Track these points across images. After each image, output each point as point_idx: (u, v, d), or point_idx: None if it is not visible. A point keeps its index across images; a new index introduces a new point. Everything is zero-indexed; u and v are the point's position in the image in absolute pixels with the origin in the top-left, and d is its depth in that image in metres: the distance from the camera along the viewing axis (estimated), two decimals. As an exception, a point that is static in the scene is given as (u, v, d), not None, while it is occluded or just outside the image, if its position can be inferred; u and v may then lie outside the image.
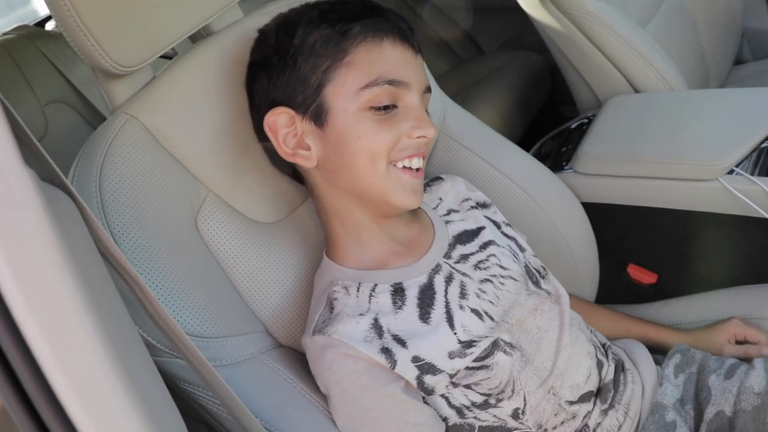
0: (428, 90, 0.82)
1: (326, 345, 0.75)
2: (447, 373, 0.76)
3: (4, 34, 1.87)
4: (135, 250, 0.74)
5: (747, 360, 0.92)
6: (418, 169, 0.81)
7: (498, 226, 0.94)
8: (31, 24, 2.13)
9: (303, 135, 0.79)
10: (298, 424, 0.77)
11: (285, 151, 0.79)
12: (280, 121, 0.79)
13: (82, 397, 0.35)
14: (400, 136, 0.77)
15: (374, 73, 0.76)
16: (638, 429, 0.86)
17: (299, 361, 0.82)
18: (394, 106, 0.78)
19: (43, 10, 2.58)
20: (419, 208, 0.89)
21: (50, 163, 0.51)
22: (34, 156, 0.52)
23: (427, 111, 0.82)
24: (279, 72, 0.78)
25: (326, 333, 0.75)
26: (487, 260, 0.86)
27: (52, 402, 0.35)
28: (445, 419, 0.79)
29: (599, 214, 1.13)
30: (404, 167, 0.79)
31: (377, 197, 0.79)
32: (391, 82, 0.76)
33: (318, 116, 0.77)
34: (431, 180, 0.97)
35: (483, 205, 0.96)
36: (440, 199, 0.94)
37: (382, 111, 0.77)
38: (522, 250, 0.94)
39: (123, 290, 0.62)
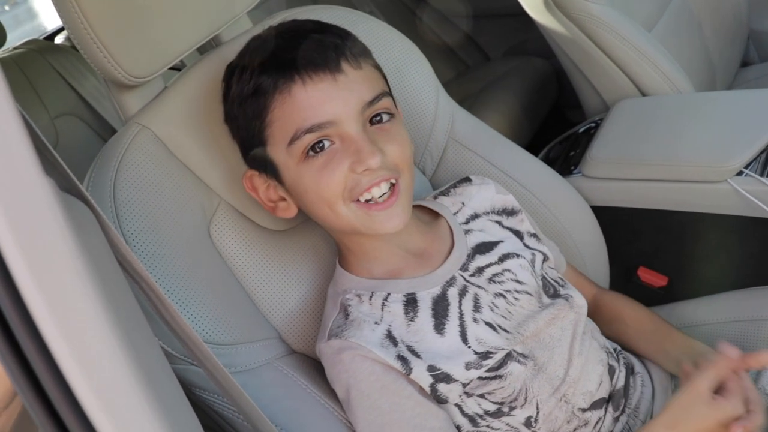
0: (378, 98, 0.75)
1: (343, 348, 0.75)
2: (461, 382, 0.76)
3: (15, 48, 1.89)
4: (149, 259, 0.75)
5: None
6: (384, 194, 0.75)
7: (521, 237, 0.91)
8: (41, 38, 2.15)
9: (277, 189, 0.80)
10: (313, 430, 0.77)
11: (268, 206, 0.81)
12: (255, 181, 0.80)
13: (106, 406, 0.36)
14: (345, 175, 0.73)
15: (292, 127, 0.73)
16: None
17: (313, 367, 0.83)
18: (332, 143, 0.74)
19: (51, 25, 2.60)
20: (438, 215, 0.88)
21: (68, 173, 0.52)
22: (52, 167, 0.52)
23: (391, 113, 0.77)
24: (236, 134, 0.80)
25: (343, 337, 0.76)
26: (502, 274, 0.84)
27: (77, 412, 0.36)
28: (458, 427, 0.79)
29: (609, 218, 1.13)
30: (367, 201, 0.75)
31: (355, 231, 0.78)
32: (310, 130, 0.72)
33: (274, 174, 0.78)
34: (458, 182, 0.94)
35: (510, 212, 0.92)
36: (462, 204, 0.90)
37: (319, 152, 0.73)
38: (544, 260, 0.90)
39: (140, 299, 0.63)
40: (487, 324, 0.79)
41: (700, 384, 0.73)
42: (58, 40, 2.26)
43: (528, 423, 0.80)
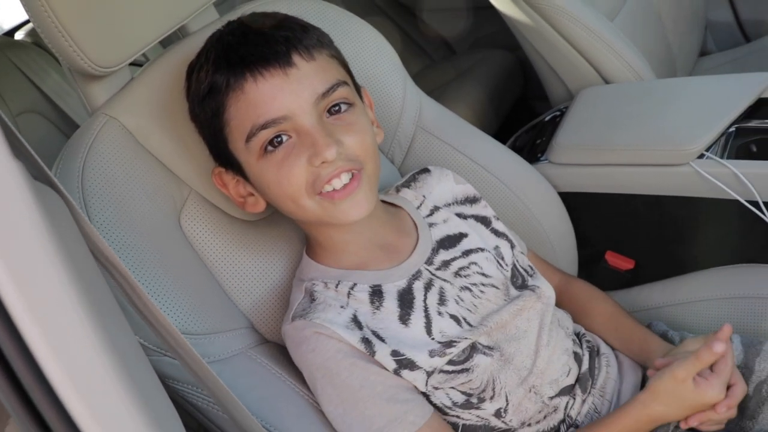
0: (333, 88, 0.74)
1: (307, 328, 0.76)
2: (425, 369, 0.76)
3: (-28, 45, 1.84)
4: (119, 251, 0.74)
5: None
6: (346, 185, 0.75)
7: (488, 223, 0.92)
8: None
9: (245, 185, 0.80)
10: (289, 417, 0.77)
11: (238, 201, 0.81)
12: (224, 177, 0.80)
13: (82, 394, 0.35)
14: (305, 169, 0.73)
15: (247, 124, 0.73)
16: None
17: (286, 356, 0.82)
18: (289, 137, 0.74)
19: (7, 24, 2.52)
20: (401, 208, 0.88)
21: (38, 161, 0.51)
22: (21, 155, 0.52)
23: (349, 103, 0.76)
24: (200, 132, 0.80)
25: (308, 318, 0.76)
26: (468, 267, 0.84)
27: (53, 399, 0.35)
28: None
29: (576, 203, 1.15)
30: (330, 191, 0.74)
31: (322, 223, 0.79)
32: (265, 126, 0.72)
33: (239, 170, 0.78)
34: (417, 173, 0.95)
35: (472, 200, 0.93)
36: (424, 196, 0.91)
37: (278, 146, 0.73)
38: (512, 247, 0.91)
39: (113, 289, 0.62)
40: (452, 317, 0.80)
41: (679, 373, 0.74)
42: (19, 35, 2.20)
43: (498, 414, 0.81)
